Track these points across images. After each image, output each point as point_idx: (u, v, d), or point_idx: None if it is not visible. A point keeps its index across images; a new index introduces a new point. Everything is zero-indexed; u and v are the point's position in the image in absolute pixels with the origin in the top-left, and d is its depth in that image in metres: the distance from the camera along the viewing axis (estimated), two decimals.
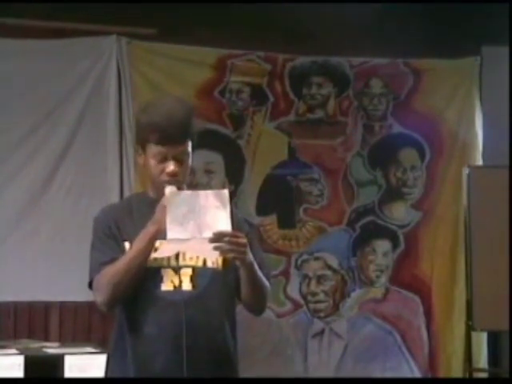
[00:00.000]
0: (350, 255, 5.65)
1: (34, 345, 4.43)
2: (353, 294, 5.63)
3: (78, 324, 5.13)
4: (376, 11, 5.27)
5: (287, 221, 5.55)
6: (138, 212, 2.73)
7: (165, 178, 2.69)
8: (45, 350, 4.24)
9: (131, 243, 2.68)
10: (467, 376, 5.26)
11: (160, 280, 2.68)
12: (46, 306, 5.09)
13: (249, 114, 5.51)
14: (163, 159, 2.68)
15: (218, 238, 2.52)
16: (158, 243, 2.63)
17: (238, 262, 2.63)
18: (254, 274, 2.68)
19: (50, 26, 5.11)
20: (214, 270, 2.71)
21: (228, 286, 2.73)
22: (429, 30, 5.56)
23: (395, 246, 5.71)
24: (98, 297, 2.70)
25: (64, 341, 4.83)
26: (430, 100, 5.75)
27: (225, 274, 2.72)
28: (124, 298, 2.68)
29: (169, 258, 2.69)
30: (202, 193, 2.60)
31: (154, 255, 2.63)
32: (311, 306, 5.54)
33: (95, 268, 2.71)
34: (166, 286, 2.68)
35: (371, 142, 5.74)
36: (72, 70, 5.18)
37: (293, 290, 5.54)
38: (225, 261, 2.69)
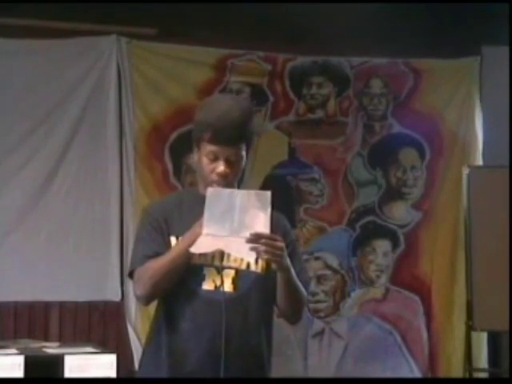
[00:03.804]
0: (350, 255, 5.65)
1: (34, 345, 4.42)
2: (353, 294, 5.63)
3: (78, 324, 5.13)
4: (376, 11, 5.26)
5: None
6: (188, 208, 2.72)
7: (215, 177, 2.69)
8: (45, 349, 4.23)
9: (177, 238, 2.69)
10: (467, 376, 5.26)
11: (202, 278, 2.68)
12: (46, 306, 5.09)
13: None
14: (215, 158, 2.69)
15: (254, 238, 2.52)
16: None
17: (273, 265, 2.64)
18: (290, 280, 2.68)
19: (50, 26, 5.10)
20: (257, 274, 2.71)
21: (268, 291, 2.73)
22: (429, 30, 5.56)
23: (395, 245, 5.71)
24: (138, 290, 2.71)
25: (64, 341, 4.83)
26: (429, 100, 5.76)
27: (266, 279, 2.71)
28: (164, 293, 2.69)
29: (213, 258, 2.68)
30: (243, 192, 2.60)
31: (191, 249, 2.60)
32: (311, 305, 5.53)
33: (138, 260, 2.72)
34: (207, 285, 2.68)
35: (371, 142, 5.74)
36: (72, 70, 5.18)
37: None
38: (268, 266, 2.69)
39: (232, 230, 2.54)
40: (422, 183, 5.76)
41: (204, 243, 2.58)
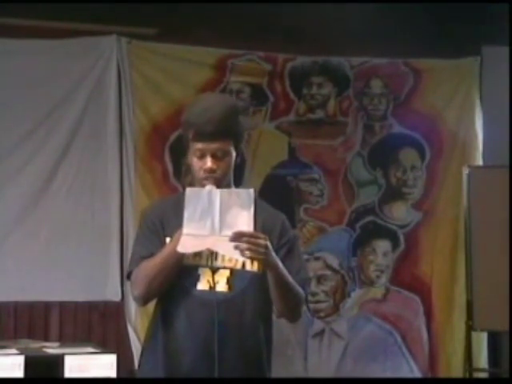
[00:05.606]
0: (350, 255, 5.65)
1: (34, 345, 4.43)
2: (353, 294, 5.63)
3: (78, 324, 5.13)
4: (376, 11, 5.26)
5: None
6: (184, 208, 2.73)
7: (203, 174, 2.72)
8: (45, 349, 4.24)
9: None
10: (467, 376, 5.26)
11: (197, 279, 2.70)
12: (46, 306, 5.09)
13: (249, 114, 5.51)
14: (202, 156, 2.72)
15: (236, 237, 2.53)
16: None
17: (259, 263, 2.64)
18: (280, 277, 2.67)
19: (50, 26, 5.10)
20: (253, 274, 2.71)
21: (266, 290, 2.72)
22: (429, 30, 5.56)
23: (395, 245, 5.71)
24: (135, 290, 2.74)
25: (64, 341, 4.83)
26: (430, 100, 5.76)
27: (263, 278, 2.70)
28: (160, 293, 2.71)
29: (207, 258, 2.69)
30: (224, 191, 2.61)
31: (177, 248, 2.60)
32: (311, 305, 5.54)
33: (135, 261, 2.75)
34: (202, 286, 2.70)
35: (371, 142, 5.74)
36: (72, 70, 5.18)
37: None
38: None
39: (213, 229, 2.55)
40: (422, 183, 5.76)
41: (188, 243, 2.58)
